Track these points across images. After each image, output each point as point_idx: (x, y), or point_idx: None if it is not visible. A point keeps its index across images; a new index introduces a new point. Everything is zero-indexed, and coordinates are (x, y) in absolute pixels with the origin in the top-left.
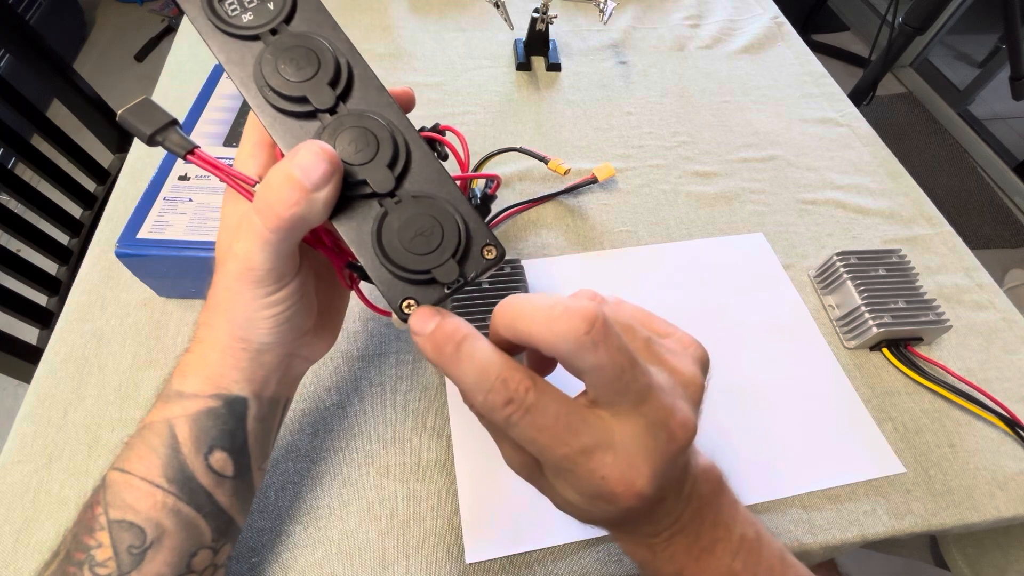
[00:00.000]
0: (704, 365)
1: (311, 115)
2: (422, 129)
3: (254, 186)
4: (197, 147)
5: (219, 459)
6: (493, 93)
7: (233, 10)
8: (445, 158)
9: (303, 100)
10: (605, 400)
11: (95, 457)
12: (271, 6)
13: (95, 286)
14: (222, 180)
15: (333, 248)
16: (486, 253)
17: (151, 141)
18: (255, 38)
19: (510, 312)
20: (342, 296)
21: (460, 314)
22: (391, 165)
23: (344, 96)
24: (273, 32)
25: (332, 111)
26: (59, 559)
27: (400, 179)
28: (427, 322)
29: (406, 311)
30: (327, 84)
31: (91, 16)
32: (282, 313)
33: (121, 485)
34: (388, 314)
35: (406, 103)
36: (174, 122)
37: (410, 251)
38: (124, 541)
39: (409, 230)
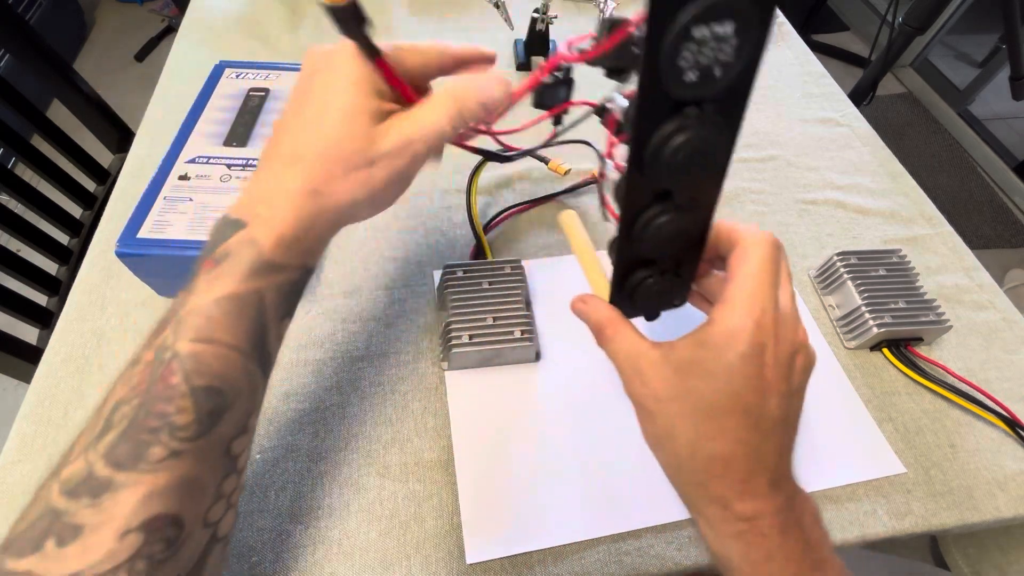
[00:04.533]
0: (810, 361)
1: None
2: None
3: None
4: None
5: (285, 325)
6: None
7: None
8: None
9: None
10: (743, 281)
11: None
12: None
13: (95, 286)
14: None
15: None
16: None
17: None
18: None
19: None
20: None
21: (463, 312)
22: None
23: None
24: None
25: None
26: (118, 429)
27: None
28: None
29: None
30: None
31: (91, 16)
32: (403, 190)
33: (207, 355)
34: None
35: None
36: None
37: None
38: (206, 406)
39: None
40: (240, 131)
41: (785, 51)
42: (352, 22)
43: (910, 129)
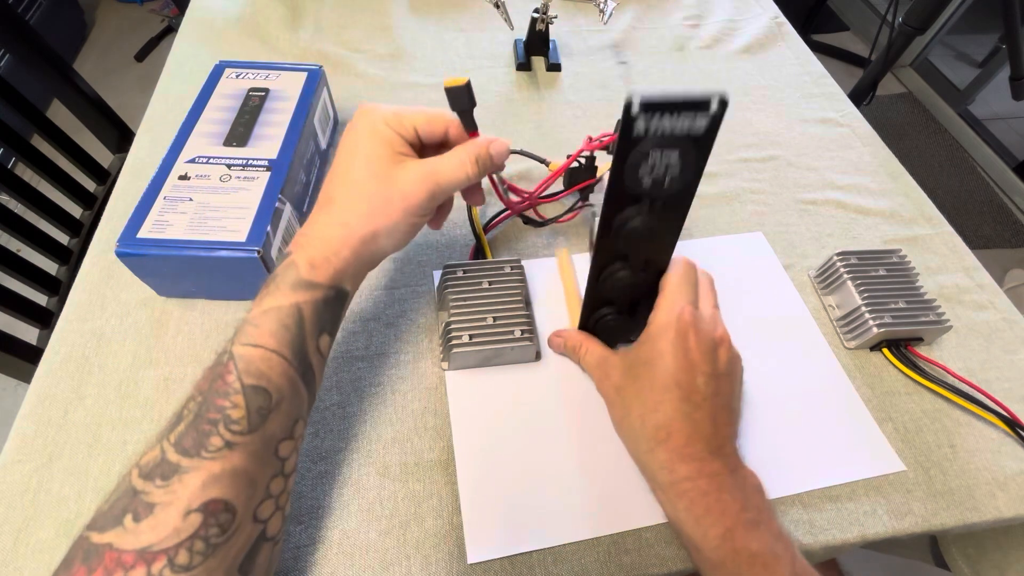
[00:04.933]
0: (733, 356)
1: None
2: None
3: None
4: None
5: (324, 341)
6: (493, 93)
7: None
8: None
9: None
10: (668, 288)
11: (95, 456)
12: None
13: (95, 286)
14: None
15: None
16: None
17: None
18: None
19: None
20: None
21: (463, 312)
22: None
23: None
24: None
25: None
26: (187, 421)
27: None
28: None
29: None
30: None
31: (91, 16)
32: (418, 227)
33: (255, 358)
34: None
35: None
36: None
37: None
38: (255, 403)
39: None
40: (240, 131)
41: (785, 51)
42: (464, 100)
43: (910, 129)
